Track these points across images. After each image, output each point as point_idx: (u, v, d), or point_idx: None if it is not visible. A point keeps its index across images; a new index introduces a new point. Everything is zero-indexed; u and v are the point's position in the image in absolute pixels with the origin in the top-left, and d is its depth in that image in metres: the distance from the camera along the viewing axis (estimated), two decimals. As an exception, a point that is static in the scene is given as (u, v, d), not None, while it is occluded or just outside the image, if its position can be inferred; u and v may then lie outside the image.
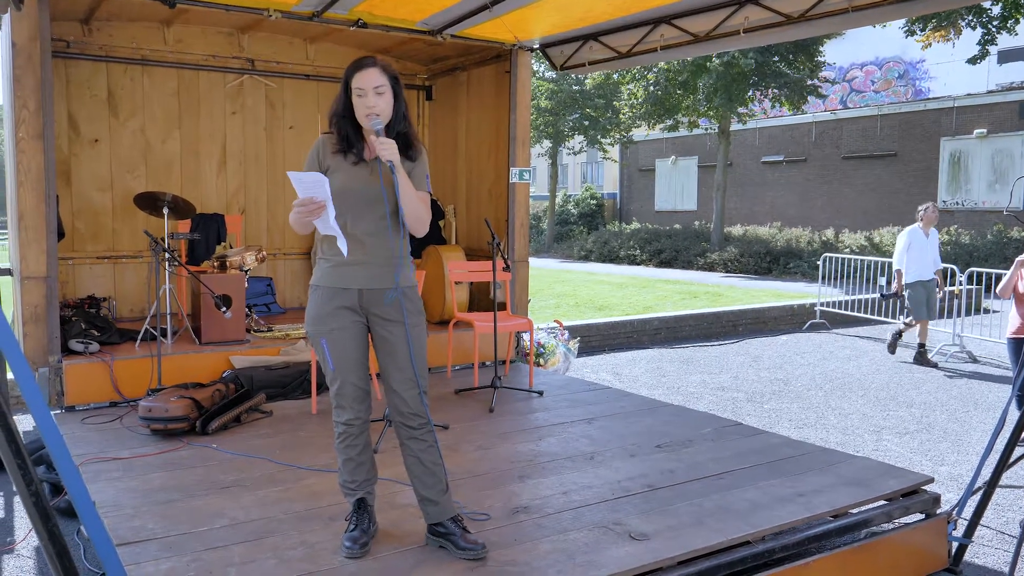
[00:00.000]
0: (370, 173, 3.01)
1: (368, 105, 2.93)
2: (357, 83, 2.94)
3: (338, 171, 3.00)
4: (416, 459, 3.07)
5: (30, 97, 5.01)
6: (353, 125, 3.01)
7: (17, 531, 4.13)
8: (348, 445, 3.10)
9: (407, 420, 3.05)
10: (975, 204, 20.16)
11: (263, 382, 5.37)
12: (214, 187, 7.54)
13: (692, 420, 5.08)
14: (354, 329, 3.03)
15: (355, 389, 3.05)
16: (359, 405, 3.07)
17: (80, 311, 5.96)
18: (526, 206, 7.03)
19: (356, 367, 3.04)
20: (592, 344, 9.48)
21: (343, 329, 3.01)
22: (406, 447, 3.09)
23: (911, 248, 8.67)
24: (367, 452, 3.15)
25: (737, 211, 25.39)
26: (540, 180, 36.05)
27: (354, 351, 3.03)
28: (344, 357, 3.02)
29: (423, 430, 3.06)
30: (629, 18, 6.10)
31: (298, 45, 7.65)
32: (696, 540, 3.17)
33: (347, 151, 3.02)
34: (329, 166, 3.02)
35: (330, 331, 3.01)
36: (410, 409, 3.03)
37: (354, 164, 3.01)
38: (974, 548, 3.89)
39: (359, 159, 3.02)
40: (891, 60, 28.94)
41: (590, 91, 25.63)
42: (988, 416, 6.55)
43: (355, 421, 3.07)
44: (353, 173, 3.00)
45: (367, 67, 2.95)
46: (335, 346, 3.01)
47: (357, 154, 3.02)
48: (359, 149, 3.02)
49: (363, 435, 3.12)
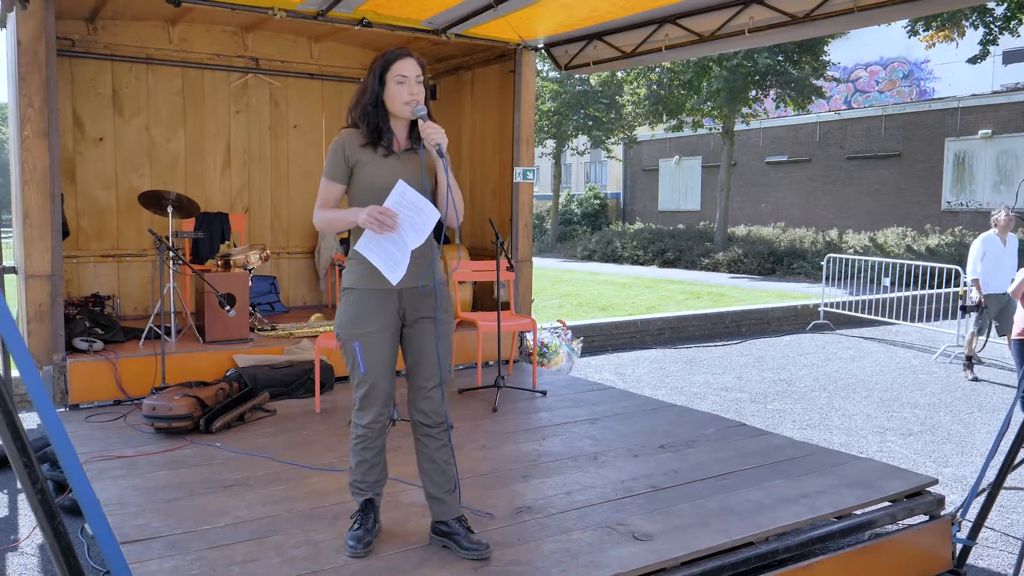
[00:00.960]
0: (403, 165, 2.97)
1: (412, 92, 2.92)
2: (400, 70, 2.91)
3: (369, 164, 2.95)
4: (429, 457, 3.07)
5: (35, 95, 5.02)
6: (385, 116, 2.98)
7: (21, 529, 4.14)
8: (365, 447, 3.07)
9: (427, 418, 3.03)
10: (980, 205, 20.10)
11: (266, 381, 5.37)
12: (218, 186, 7.55)
13: (696, 420, 5.08)
14: (390, 331, 2.99)
15: (384, 394, 3.02)
16: (384, 409, 3.04)
17: (84, 309, 5.97)
18: (530, 206, 7.03)
19: (387, 371, 3.01)
20: (595, 344, 9.48)
21: (379, 332, 2.96)
22: (421, 443, 3.08)
23: (986, 256, 7.90)
24: (382, 454, 3.13)
25: (741, 211, 25.35)
26: (544, 180, 36.02)
27: (387, 354, 2.99)
28: (377, 361, 2.97)
29: (439, 428, 3.05)
30: (634, 17, 6.09)
31: (302, 44, 7.66)
32: (700, 541, 3.17)
33: (377, 143, 2.97)
34: (359, 159, 2.96)
35: (366, 334, 2.95)
36: (433, 407, 3.03)
37: (384, 156, 2.97)
38: (978, 550, 3.88)
39: (389, 151, 2.98)
40: (896, 60, 28.90)
41: (595, 91, 25.61)
42: (993, 418, 6.54)
43: (375, 424, 3.04)
44: (385, 165, 2.96)
45: (407, 56, 2.95)
46: (368, 349, 2.96)
47: (387, 146, 2.98)
48: (388, 140, 2.98)
49: (381, 438, 3.09)
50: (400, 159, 2.99)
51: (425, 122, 2.91)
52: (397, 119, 3.01)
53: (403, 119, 3.01)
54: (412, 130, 3.05)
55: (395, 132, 3.01)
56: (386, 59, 2.95)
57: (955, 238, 18.85)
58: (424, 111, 2.93)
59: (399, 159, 2.99)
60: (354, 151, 2.98)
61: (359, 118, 2.99)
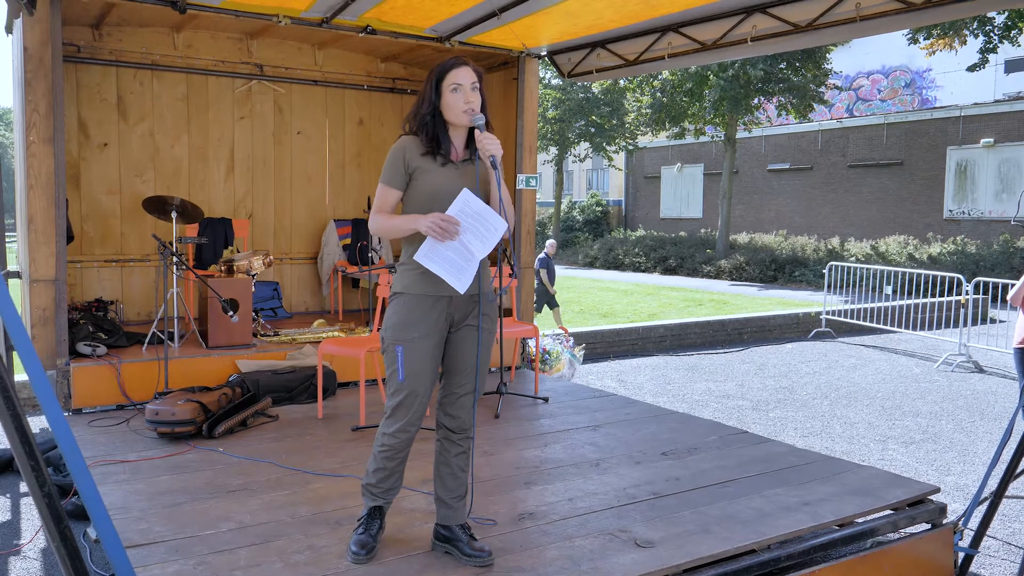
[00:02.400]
0: (461, 175, 2.98)
1: (468, 100, 2.92)
2: (456, 78, 2.91)
3: (428, 172, 2.95)
4: (446, 461, 3.07)
5: (41, 101, 5.05)
6: (443, 126, 2.98)
7: (23, 533, 4.14)
8: (389, 457, 3.03)
9: (454, 423, 3.03)
10: (981, 214, 20.12)
11: (269, 386, 5.39)
12: (222, 191, 7.57)
13: (697, 428, 5.08)
14: (435, 339, 2.96)
15: (419, 404, 2.98)
16: (415, 420, 2.99)
17: (88, 314, 5.98)
18: (533, 213, 7.05)
19: (427, 380, 2.97)
20: (597, 351, 9.48)
21: (425, 338, 2.93)
22: (441, 445, 3.08)
23: None
24: (402, 464, 3.09)
25: (743, 219, 25.38)
26: (545, 187, 36.09)
27: (428, 364, 2.95)
28: (418, 369, 2.93)
29: (463, 435, 3.06)
30: (637, 26, 6.11)
31: (306, 51, 7.69)
32: (701, 548, 3.17)
33: (436, 152, 2.97)
34: (418, 167, 2.96)
35: (411, 339, 2.92)
36: (462, 412, 3.02)
37: (442, 166, 2.97)
38: (980, 559, 3.88)
39: (447, 160, 2.97)
40: (898, 69, 28.95)
41: (597, 98, 25.66)
42: (995, 426, 6.54)
43: (403, 434, 2.99)
44: (444, 174, 2.96)
45: (463, 64, 2.94)
46: (411, 356, 2.92)
47: (445, 155, 2.97)
48: (447, 150, 2.98)
49: (407, 448, 3.05)
50: (458, 169, 3.00)
51: (482, 132, 2.91)
52: (455, 128, 3.00)
53: (461, 128, 3.00)
54: (469, 140, 3.04)
55: (453, 141, 3.01)
56: (441, 68, 2.95)
57: (957, 247, 18.86)
58: (482, 120, 2.92)
59: (457, 169, 2.99)
60: (414, 158, 2.97)
61: (418, 128, 2.98)
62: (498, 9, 5.63)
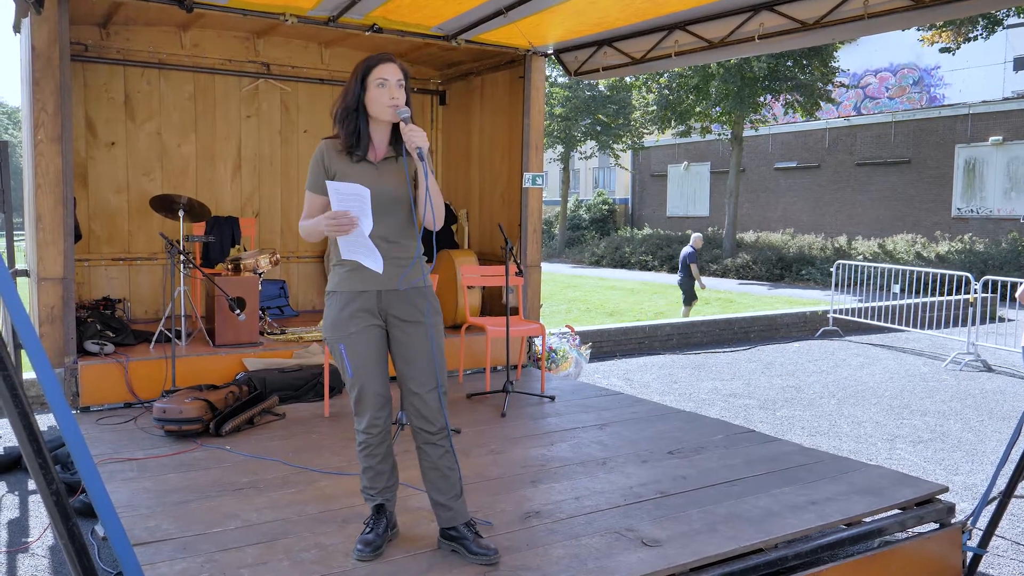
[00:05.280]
0: (380, 174, 2.99)
1: (393, 96, 2.93)
2: (382, 74, 2.92)
3: (344, 174, 2.96)
4: (432, 464, 3.06)
5: (49, 100, 5.06)
6: (365, 120, 2.98)
7: (31, 531, 4.16)
8: (368, 454, 3.07)
9: (426, 424, 3.03)
10: (990, 212, 20.02)
11: (276, 384, 5.40)
12: (229, 190, 7.59)
13: (704, 427, 5.07)
14: (373, 332, 3.01)
15: (375, 396, 3.01)
16: (379, 412, 3.03)
17: (95, 312, 6.00)
18: (539, 211, 7.04)
19: (375, 372, 3.01)
20: (604, 349, 9.47)
21: (361, 333, 2.99)
22: (423, 451, 3.07)
23: None
24: (387, 460, 3.12)
25: (749, 217, 25.32)
26: (552, 185, 36.06)
27: (373, 355, 3.00)
28: (363, 362, 2.99)
29: (440, 435, 3.04)
30: (644, 24, 6.10)
31: (313, 49, 7.70)
32: (708, 547, 3.17)
33: (354, 149, 2.98)
34: (337, 170, 2.98)
35: (348, 335, 2.98)
36: (430, 412, 3.01)
37: (357, 162, 2.98)
38: (989, 559, 3.86)
39: (362, 158, 2.98)
40: (905, 67, 28.84)
41: (603, 96, 25.62)
42: (1003, 425, 6.51)
43: (373, 429, 3.03)
44: (358, 171, 2.97)
45: (388, 60, 2.96)
46: (353, 351, 2.98)
47: (362, 153, 2.98)
48: (364, 146, 2.98)
49: (384, 444, 3.08)
50: (377, 168, 3.00)
51: (407, 124, 2.92)
52: (378, 123, 3.00)
53: (384, 124, 3.01)
54: (394, 138, 3.04)
55: (374, 139, 3.02)
56: (368, 63, 2.96)
57: (965, 245, 18.77)
58: (407, 113, 2.93)
59: (376, 168, 3.00)
60: (333, 161, 3.00)
61: (340, 120, 3.00)
62: (505, 7, 5.62)
